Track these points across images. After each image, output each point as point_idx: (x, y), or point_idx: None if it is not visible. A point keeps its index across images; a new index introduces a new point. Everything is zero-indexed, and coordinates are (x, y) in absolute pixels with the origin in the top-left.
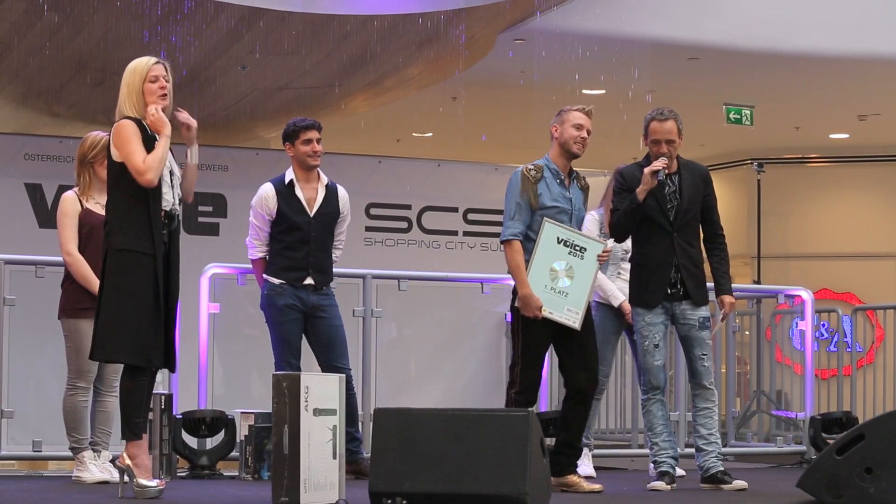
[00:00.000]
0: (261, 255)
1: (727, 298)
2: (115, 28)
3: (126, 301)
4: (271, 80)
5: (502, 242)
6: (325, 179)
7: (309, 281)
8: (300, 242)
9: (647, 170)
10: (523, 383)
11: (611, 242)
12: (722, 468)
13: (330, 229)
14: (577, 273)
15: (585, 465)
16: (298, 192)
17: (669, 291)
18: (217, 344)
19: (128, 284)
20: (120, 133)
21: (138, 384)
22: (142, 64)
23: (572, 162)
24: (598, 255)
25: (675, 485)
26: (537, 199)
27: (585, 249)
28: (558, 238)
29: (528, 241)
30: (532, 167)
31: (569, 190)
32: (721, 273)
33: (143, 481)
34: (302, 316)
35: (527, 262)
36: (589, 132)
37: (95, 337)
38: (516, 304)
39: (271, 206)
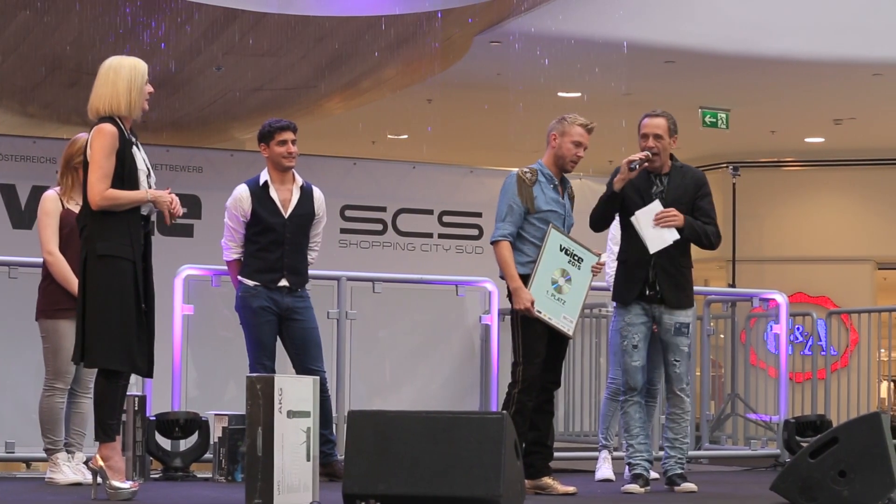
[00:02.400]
0: (236, 256)
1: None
2: (90, 28)
3: (112, 307)
4: (246, 82)
5: (492, 243)
6: (300, 181)
7: (283, 283)
8: (274, 244)
9: (624, 161)
10: (525, 381)
11: (604, 256)
12: (679, 472)
13: (305, 231)
14: (575, 282)
15: (606, 468)
16: (273, 193)
17: (648, 292)
18: (191, 346)
19: (112, 291)
20: (101, 139)
21: (113, 386)
22: (143, 65)
23: None
24: (592, 267)
25: (648, 487)
26: (533, 203)
27: (582, 260)
28: (561, 246)
29: (523, 243)
30: (527, 170)
31: (562, 196)
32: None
33: (117, 483)
34: (276, 318)
35: (531, 263)
36: (585, 149)
37: (84, 343)
38: (515, 307)
39: (246, 207)
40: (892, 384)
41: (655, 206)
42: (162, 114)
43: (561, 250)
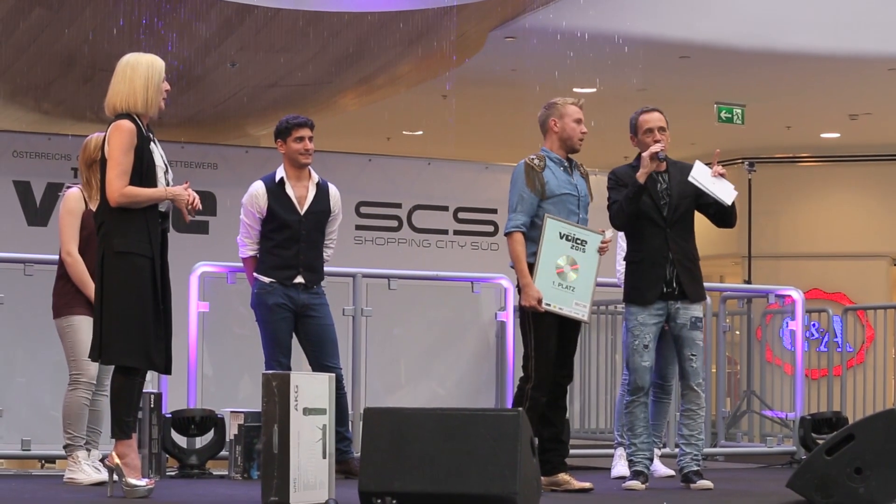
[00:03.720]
0: (251, 253)
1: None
2: (104, 24)
3: (129, 304)
4: (261, 78)
5: (506, 234)
6: (316, 178)
7: (299, 279)
8: (290, 241)
9: (645, 153)
10: (538, 378)
11: (609, 233)
12: (695, 468)
13: (320, 228)
14: (581, 266)
15: (622, 466)
16: (289, 190)
17: (665, 290)
18: (207, 343)
19: (130, 287)
20: (118, 135)
21: (129, 383)
22: (160, 62)
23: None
24: (599, 247)
25: (648, 484)
26: (545, 188)
27: (586, 242)
28: (560, 233)
29: (536, 230)
30: (535, 157)
31: (573, 176)
32: None
33: (133, 480)
34: (292, 315)
35: (533, 255)
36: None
37: (100, 340)
38: (522, 303)
39: (262, 204)
40: None
41: (701, 166)
42: (177, 110)
43: (561, 237)
